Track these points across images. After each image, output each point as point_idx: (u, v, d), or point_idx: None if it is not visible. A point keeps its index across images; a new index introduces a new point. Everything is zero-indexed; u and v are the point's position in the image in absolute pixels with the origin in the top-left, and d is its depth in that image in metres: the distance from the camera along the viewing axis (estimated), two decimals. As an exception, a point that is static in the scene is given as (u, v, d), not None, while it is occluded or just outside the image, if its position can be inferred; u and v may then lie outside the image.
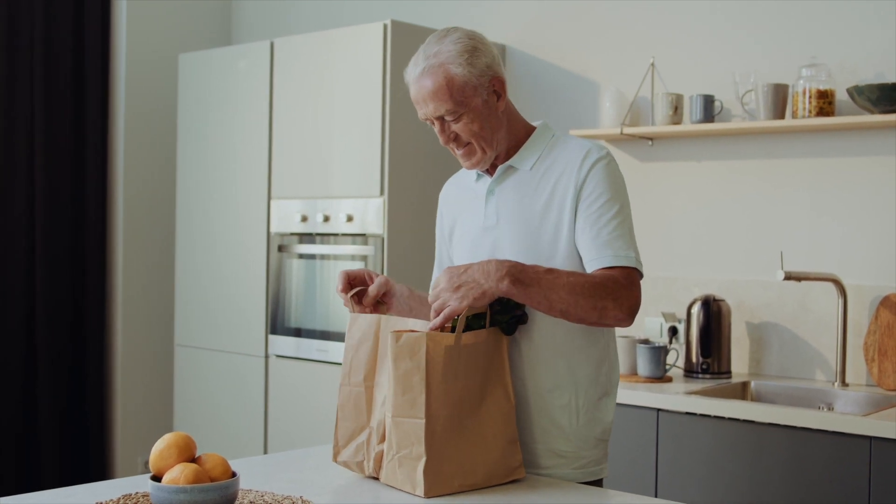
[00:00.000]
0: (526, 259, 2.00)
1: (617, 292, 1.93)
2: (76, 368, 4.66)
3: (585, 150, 2.05)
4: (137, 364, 4.76)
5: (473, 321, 1.91)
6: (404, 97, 3.69)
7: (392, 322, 1.96)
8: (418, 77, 2.02)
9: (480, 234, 2.12)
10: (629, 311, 1.95)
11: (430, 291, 1.94)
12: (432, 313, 1.90)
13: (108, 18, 4.73)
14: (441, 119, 2.03)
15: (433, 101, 2.00)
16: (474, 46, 2.02)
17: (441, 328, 1.88)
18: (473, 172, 2.17)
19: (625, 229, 2.00)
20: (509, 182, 2.11)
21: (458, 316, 1.86)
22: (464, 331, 1.88)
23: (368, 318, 2.00)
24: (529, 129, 2.15)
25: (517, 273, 1.89)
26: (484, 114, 2.03)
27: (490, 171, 2.14)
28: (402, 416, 1.83)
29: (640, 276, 2.00)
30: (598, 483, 2.09)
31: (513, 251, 2.04)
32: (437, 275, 2.29)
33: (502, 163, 2.11)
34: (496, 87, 2.05)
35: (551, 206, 2.04)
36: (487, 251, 2.09)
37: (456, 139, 2.06)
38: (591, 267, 1.98)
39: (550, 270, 1.92)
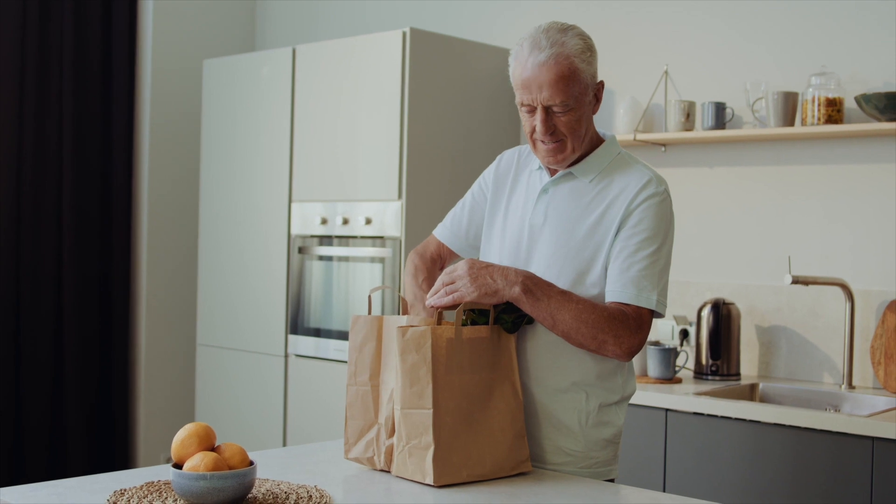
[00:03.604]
0: (561, 266, 2.03)
1: (620, 330, 1.94)
2: (102, 368, 4.76)
3: (645, 180, 2.05)
4: (161, 363, 4.86)
5: (479, 318, 1.98)
6: (423, 102, 3.77)
7: (392, 321, 2.02)
8: (541, 63, 1.97)
9: (523, 227, 2.13)
10: (627, 350, 1.96)
11: (444, 275, 1.97)
12: (441, 289, 1.95)
13: (134, 25, 4.83)
14: (547, 109, 2.00)
15: (551, 88, 1.97)
16: (591, 47, 2.03)
17: (440, 309, 1.94)
18: (535, 160, 2.15)
19: (655, 270, 1.99)
20: (565, 187, 2.10)
21: (459, 306, 1.92)
22: (469, 326, 1.95)
23: (369, 320, 2.05)
24: (598, 141, 2.14)
25: (531, 284, 1.93)
26: (586, 114, 2.04)
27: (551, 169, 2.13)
28: (411, 408, 1.89)
29: (660, 316, 2.01)
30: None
31: (551, 255, 2.06)
32: (445, 225, 2.32)
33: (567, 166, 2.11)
34: (598, 91, 2.07)
35: (599, 227, 2.04)
36: (525, 246, 2.11)
37: (553, 132, 2.02)
38: (610, 297, 2.00)
39: (564, 293, 1.95)
